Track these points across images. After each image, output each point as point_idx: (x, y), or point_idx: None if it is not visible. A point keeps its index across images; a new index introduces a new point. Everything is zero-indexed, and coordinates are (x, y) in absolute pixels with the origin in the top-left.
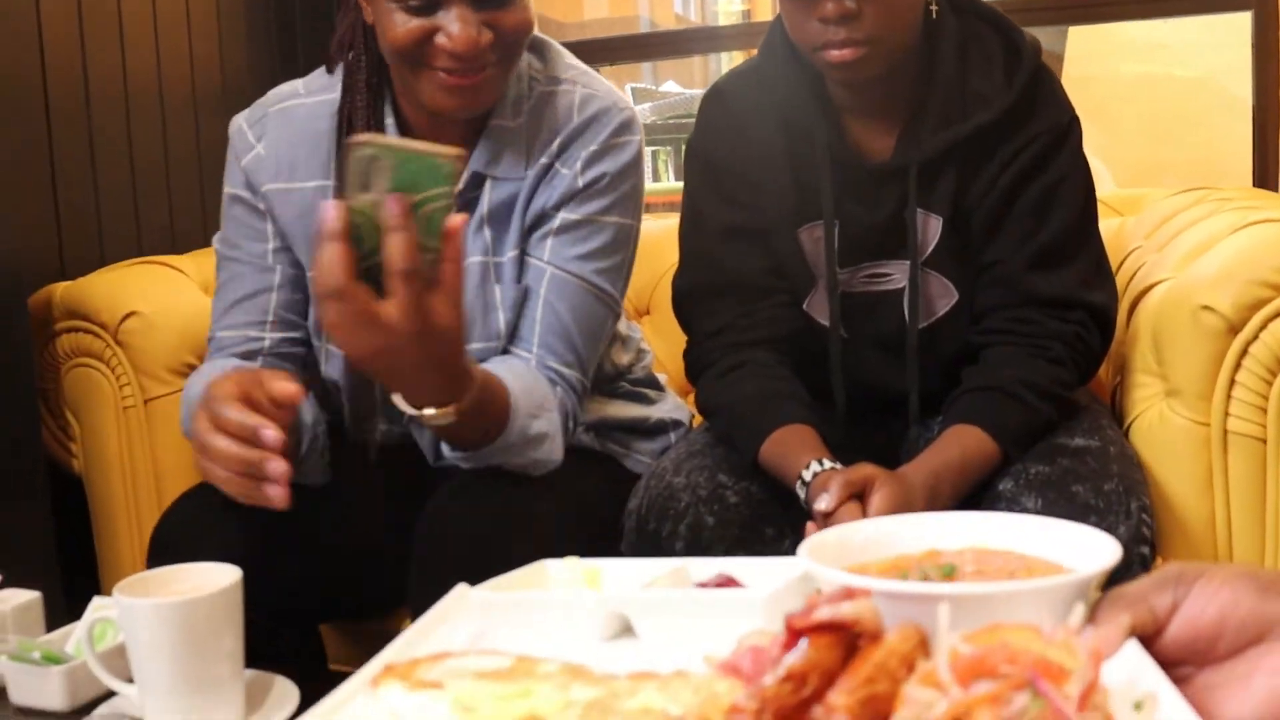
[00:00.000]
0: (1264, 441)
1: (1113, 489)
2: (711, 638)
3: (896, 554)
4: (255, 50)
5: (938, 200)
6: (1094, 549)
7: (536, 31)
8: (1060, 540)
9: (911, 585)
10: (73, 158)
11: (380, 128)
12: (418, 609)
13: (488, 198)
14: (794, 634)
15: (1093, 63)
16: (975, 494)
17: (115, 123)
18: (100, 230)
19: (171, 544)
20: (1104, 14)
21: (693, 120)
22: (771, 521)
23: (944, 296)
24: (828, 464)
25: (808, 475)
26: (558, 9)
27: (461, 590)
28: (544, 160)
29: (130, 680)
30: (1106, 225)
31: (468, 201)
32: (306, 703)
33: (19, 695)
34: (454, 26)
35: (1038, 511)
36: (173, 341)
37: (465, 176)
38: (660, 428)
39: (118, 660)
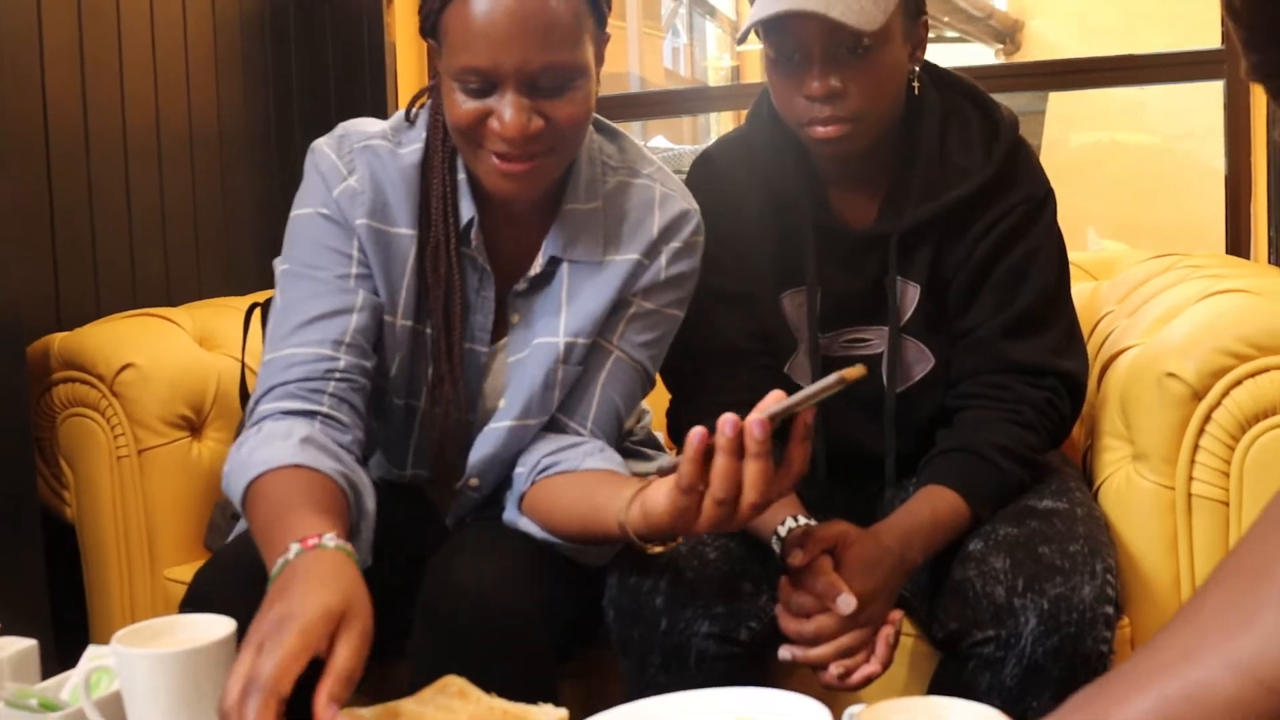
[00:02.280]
0: (1226, 504)
1: (1078, 550)
2: None
3: None
4: (251, 100)
5: (916, 269)
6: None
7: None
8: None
9: None
10: (72, 207)
11: (455, 187)
12: (416, 657)
13: (566, 281)
14: None
15: (1073, 124)
16: (946, 554)
17: (114, 172)
18: (97, 280)
19: (204, 598)
20: (1082, 81)
21: (681, 175)
22: (749, 577)
23: (921, 362)
24: (802, 520)
25: (783, 531)
26: None
27: None
28: (633, 256)
29: None
30: (1081, 289)
31: (542, 277)
32: None
33: None
34: (506, 112)
35: (1006, 571)
36: (166, 393)
37: (543, 258)
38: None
39: (113, 707)
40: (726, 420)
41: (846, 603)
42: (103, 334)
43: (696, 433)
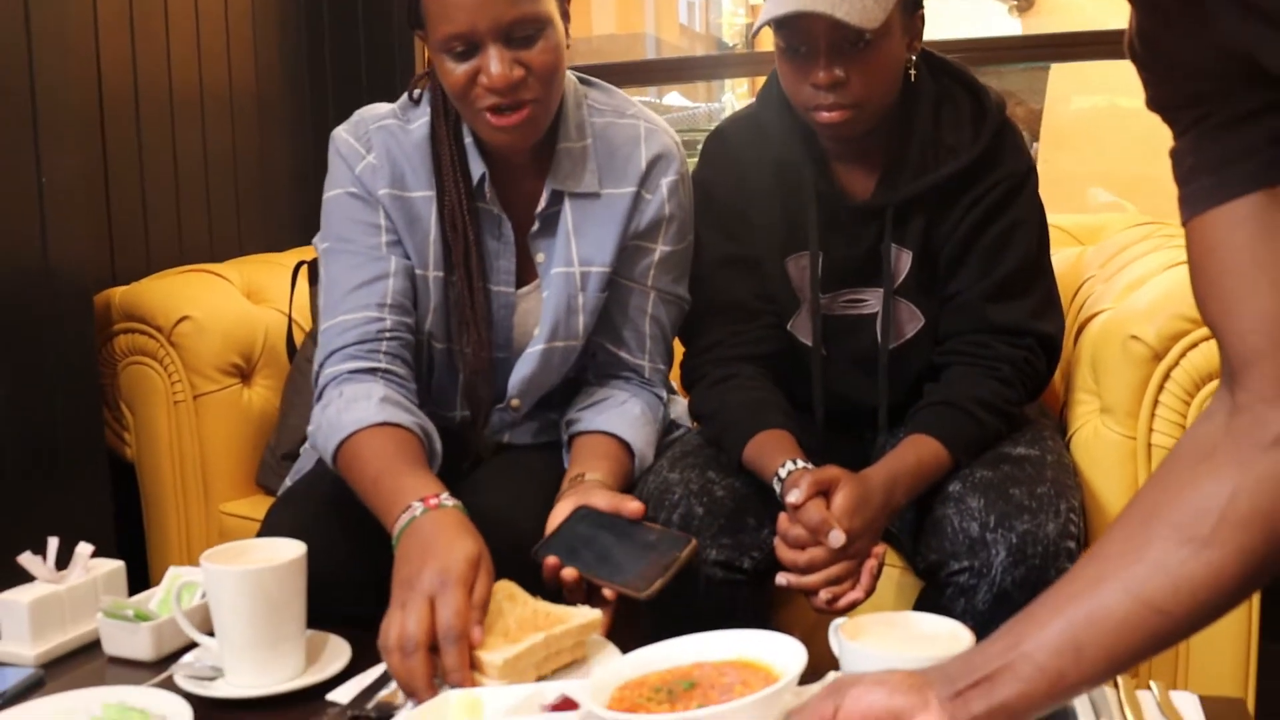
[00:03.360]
0: None
1: (1045, 492)
2: None
3: (668, 667)
4: (287, 60)
5: (909, 237)
6: (794, 657)
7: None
8: (776, 649)
9: (635, 717)
10: (124, 171)
11: (463, 151)
12: None
13: (570, 214)
14: None
15: (1076, 86)
16: (929, 494)
17: (161, 137)
18: (148, 238)
19: (281, 523)
20: (1087, 53)
21: (695, 134)
22: (753, 513)
23: (912, 321)
24: (800, 464)
25: (783, 473)
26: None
27: None
28: (630, 189)
29: (211, 634)
30: (1068, 254)
31: (549, 217)
32: (356, 658)
33: (112, 647)
34: (492, 64)
35: (980, 509)
36: (219, 343)
37: (545, 195)
38: (670, 426)
39: (199, 617)
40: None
41: (836, 538)
42: (160, 288)
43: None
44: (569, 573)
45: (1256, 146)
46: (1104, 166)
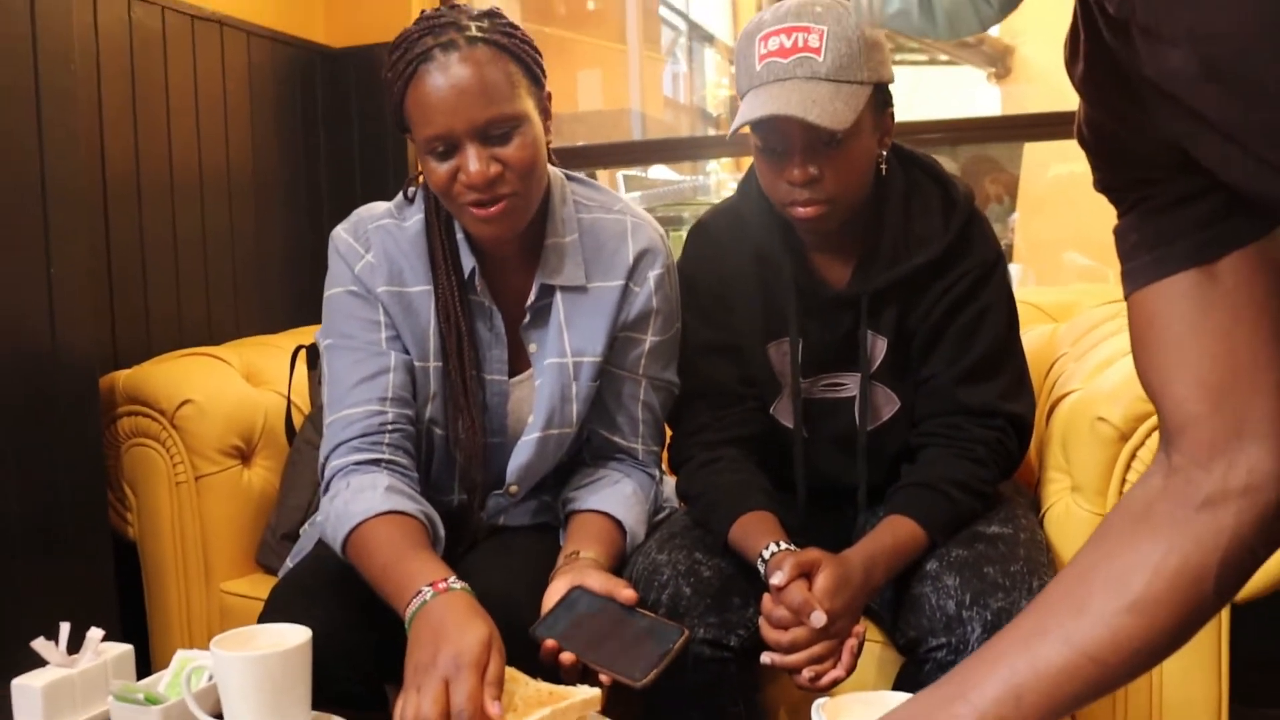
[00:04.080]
0: None
1: (1018, 570)
2: None
3: None
4: (284, 150)
5: (884, 324)
6: None
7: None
8: None
9: None
10: (126, 257)
11: (455, 246)
12: None
13: (561, 307)
14: None
15: (1050, 155)
16: (907, 572)
17: (161, 219)
18: (148, 321)
19: (285, 605)
20: (1062, 133)
21: (681, 206)
22: (738, 592)
23: (888, 404)
24: (784, 546)
25: (766, 555)
26: (554, 103)
27: None
28: (618, 282)
29: (219, 717)
30: (1041, 330)
31: (540, 310)
32: None
33: None
34: (470, 163)
35: (956, 587)
36: (221, 426)
37: (535, 288)
38: (658, 509)
39: (207, 700)
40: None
41: (818, 618)
42: (162, 372)
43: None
44: (567, 656)
45: (1191, 228)
46: (1080, 231)
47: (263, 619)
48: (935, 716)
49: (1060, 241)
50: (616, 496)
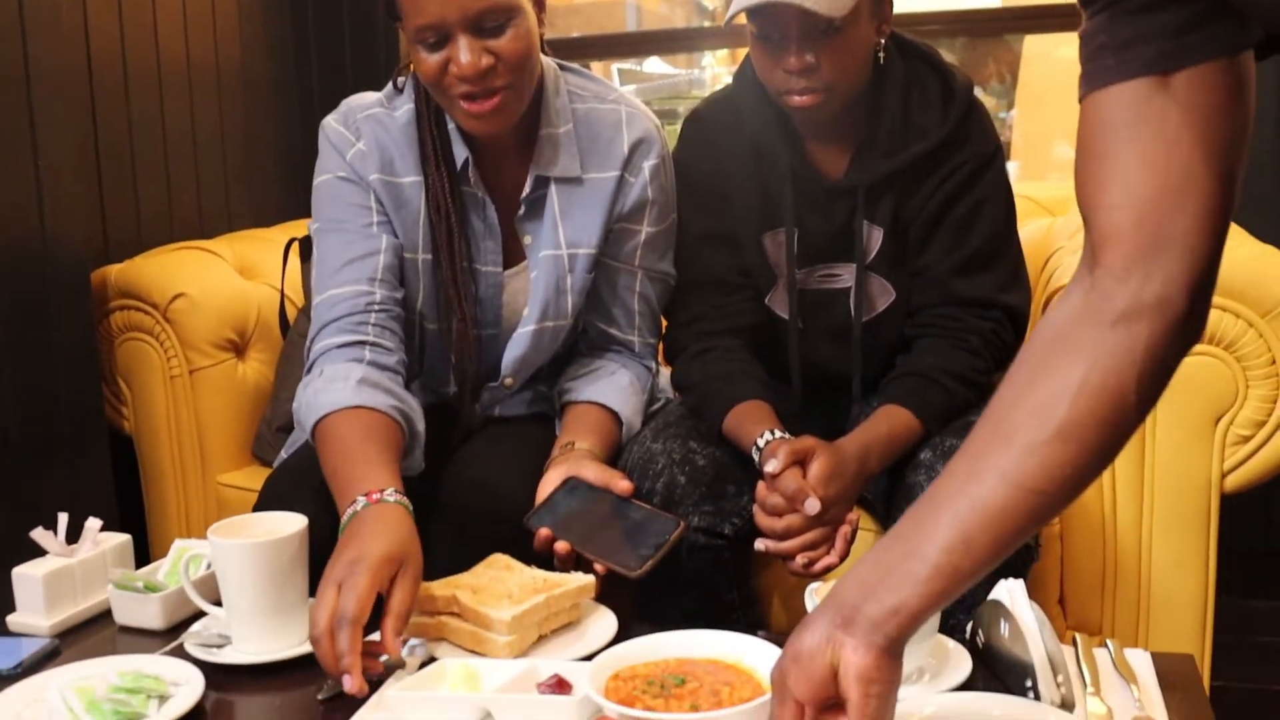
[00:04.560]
0: (1143, 422)
1: None
2: None
3: (662, 658)
4: (273, 40)
5: (881, 214)
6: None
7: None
8: (759, 655)
9: (636, 712)
10: (115, 149)
11: (446, 137)
12: (435, 546)
13: (556, 199)
14: None
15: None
16: (902, 461)
17: (149, 117)
18: (139, 215)
19: (279, 494)
20: (1052, 25)
21: (676, 100)
22: (733, 481)
23: (883, 295)
24: (778, 434)
25: (761, 443)
26: None
27: (390, 688)
28: (613, 173)
29: (218, 604)
30: (1039, 224)
31: (535, 201)
32: None
33: (123, 617)
34: (461, 54)
35: None
36: (214, 319)
37: (530, 179)
38: (654, 400)
39: (206, 588)
40: None
41: (812, 505)
42: (155, 266)
43: None
44: (562, 546)
45: (1159, 34)
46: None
47: (257, 509)
48: (891, 577)
49: (1059, 134)
50: (613, 387)
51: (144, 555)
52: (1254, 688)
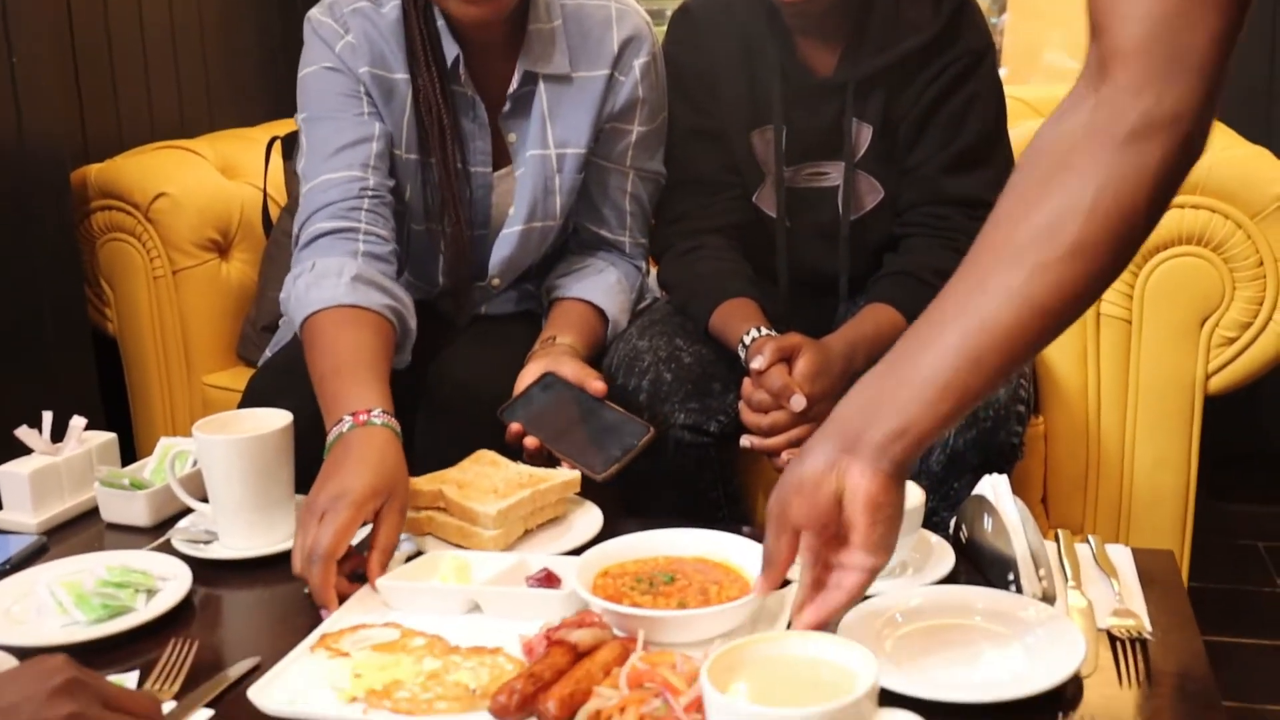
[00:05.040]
0: (1129, 322)
1: None
2: (528, 617)
3: (651, 556)
4: None
5: (870, 111)
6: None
7: None
8: (747, 555)
9: (623, 609)
10: (92, 46)
11: (435, 34)
12: (422, 442)
13: (545, 97)
14: (548, 641)
15: None
16: None
17: (127, 3)
18: (118, 114)
19: (264, 392)
20: None
21: (665, 1)
22: (719, 379)
23: (872, 194)
24: (764, 331)
25: (747, 340)
26: None
27: (382, 581)
28: (603, 72)
29: (204, 500)
30: (1028, 127)
31: (521, 98)
32: None
33: (110, 515)
34: None
35: None
36: (196, 219)
37: (517, 75)
38: (641, 298)
39: (192, 485)
40: None
41: (798, 402)
42: (135, 165)
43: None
44: (531, 441)
45: None
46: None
47: (242, 407)
48: (896, 398)
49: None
50: (600, 285)
51: (130, 458)
52: (1231, 588)
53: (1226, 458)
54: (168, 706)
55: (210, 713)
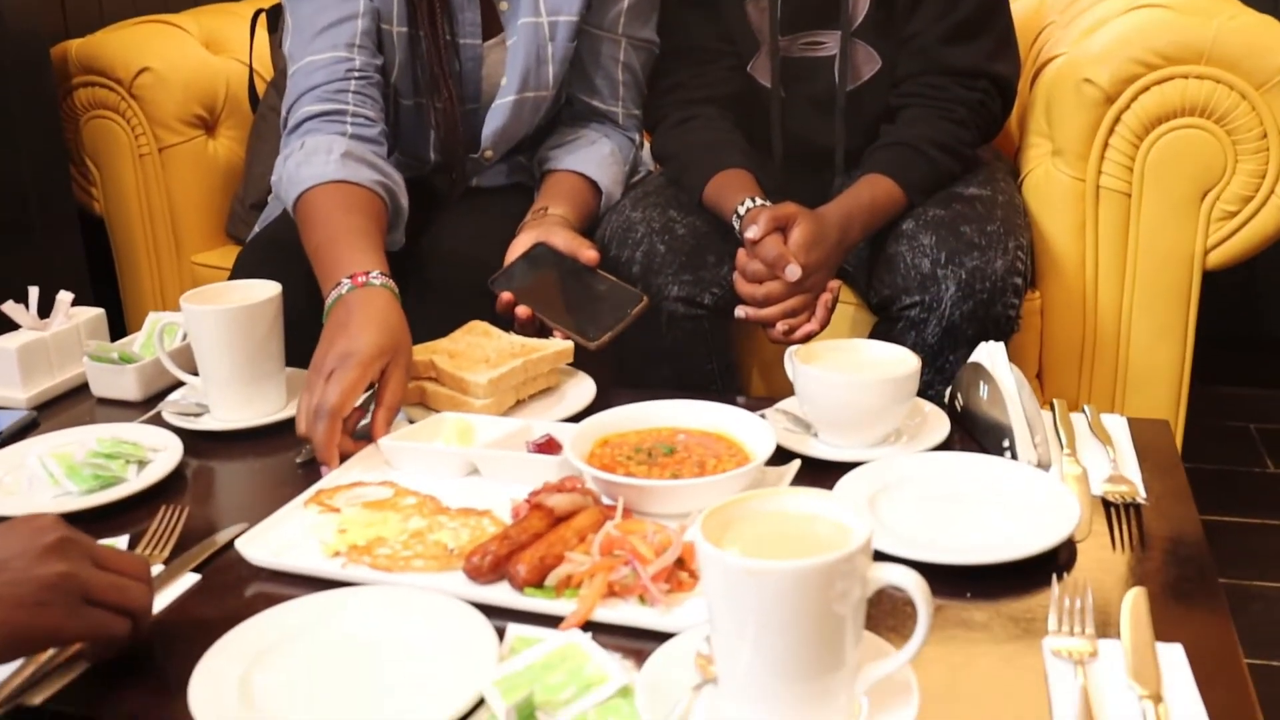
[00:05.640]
0: (1128, 195)
1: (995, 230)
2: (526, 482)
3: (653, 426)
4: None
5: None
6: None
7: None
8: (761, 434)
9: (609, 476)
10: None
11: None
12: (414, 314)
13: None
14: (530, 504)
15: None
16: (883, 232)
17: None
18: None
19: (253, 266)
20: None
21: None
22: (713, 250)
23: (869, 64)
24: (759, 201)
25: (741, 210)
26: None
27: (384, 441)
28: None
29: (194, 374)
30: (1028, 1)
31: None
32: None
33: (100, 389)
34: None
35: (932, 246)
36: (181, 95)
37: None
38: (634, 170)
39: (181, 359)
40: None
41: (793, 271)
42: (117, 40)
43: None
44: (523, 310)
45: None
46: None
47: (233, 279)
48: None
49: None
50: (593, 157)
51: (123, 336)
52: (1222, 469)
53: (1221, 341)
54: (156, 570)
55: (197, 577)
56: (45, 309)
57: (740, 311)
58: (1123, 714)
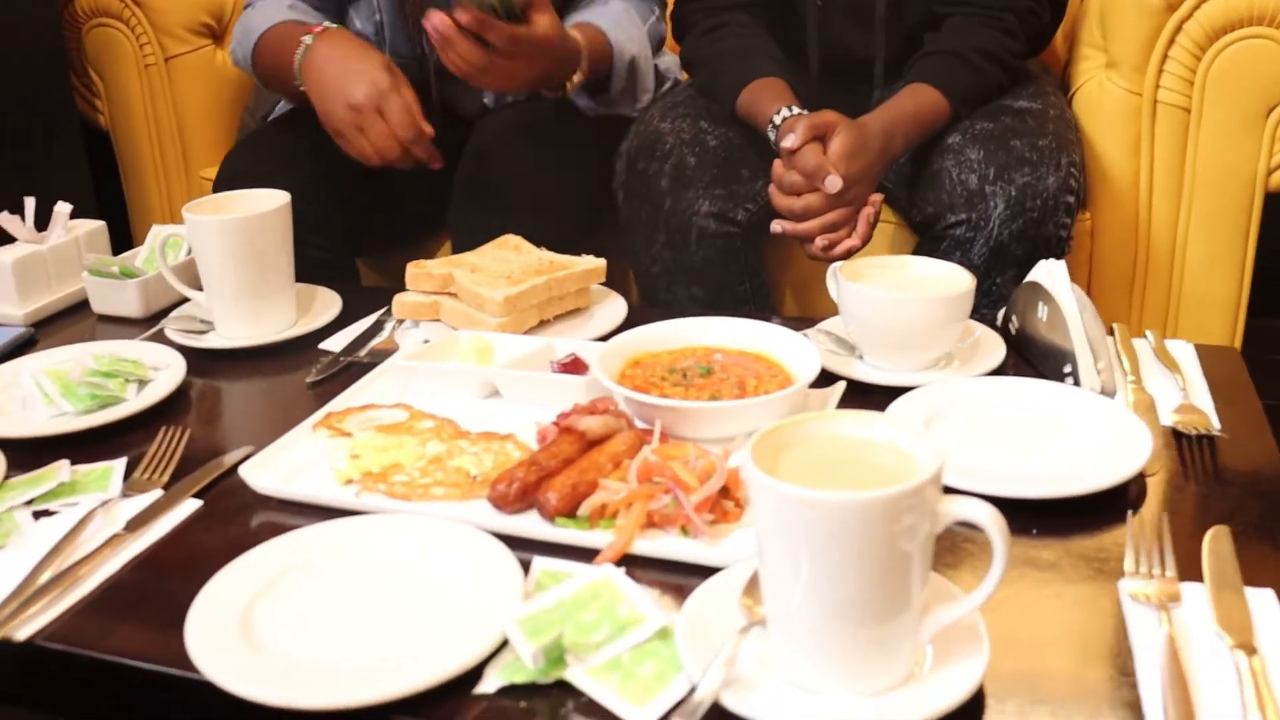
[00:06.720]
0: (1188, 111)
1: (1047, 145)
2: (550, 404)
3: (689, 345)
4: None
5: None
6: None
7: None
8: (804, 354)
9: (645, 398)
10: None
11: None
12: (455, 225)
13: None
14: (557, 429)
15: None
16: (927, 146)
17: None
18: None
19: (240, 175)
20: None
21: None
22: (747, 164)
23: None
24: (796, 110)
25: (778, 119)
26: None
27: (395, 359)
28: None
29: (199, 289)
30: None
31: None
32: (347, 310)
33: (100, 305)
34: None
35: (980, 161)
36: (188, 2)
37: None
38: (660, 78)
39: (187, 274)
40: None
41: (833, 183)
42: None
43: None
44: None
45: None
46: None
47: (217, 187)
48: None
49: None
50: (607, 14)
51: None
52: (1275, 404)
53: (1277, 271)
54: (155, 495)
55: (199, 503)
56: (44, 224)
57: (776, 226)
58: (1213, 666)
